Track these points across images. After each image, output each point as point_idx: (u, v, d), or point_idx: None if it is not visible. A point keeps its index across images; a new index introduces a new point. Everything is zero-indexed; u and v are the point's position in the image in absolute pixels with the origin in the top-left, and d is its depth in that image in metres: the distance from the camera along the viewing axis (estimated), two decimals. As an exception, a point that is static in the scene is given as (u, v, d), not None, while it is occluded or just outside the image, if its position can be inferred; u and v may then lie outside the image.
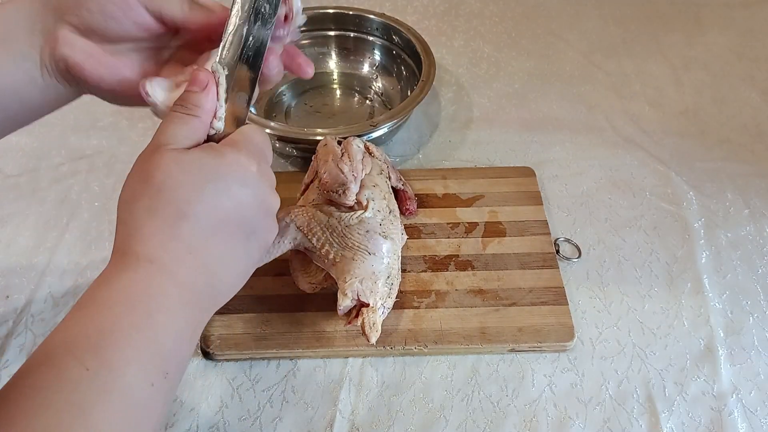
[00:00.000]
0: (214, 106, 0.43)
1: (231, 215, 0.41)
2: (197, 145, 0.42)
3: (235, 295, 0.63)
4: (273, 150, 0.83)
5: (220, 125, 0.44)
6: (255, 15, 0.45)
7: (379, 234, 0.60)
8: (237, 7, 0.45)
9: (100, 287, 0.37)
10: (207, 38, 0.48)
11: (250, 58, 0.45)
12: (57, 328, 0.36)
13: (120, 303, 0.37)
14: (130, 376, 0.35)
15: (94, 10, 0.45)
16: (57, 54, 0.45)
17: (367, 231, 0.60)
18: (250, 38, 0.45)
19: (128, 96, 0.47)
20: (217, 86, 0.44)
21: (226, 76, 0.44)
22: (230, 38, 0.45)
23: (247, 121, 0.47)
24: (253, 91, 0.46)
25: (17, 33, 0.45)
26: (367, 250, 0.58)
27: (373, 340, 0.56)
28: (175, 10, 0.46)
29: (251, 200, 0.42)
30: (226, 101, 0.44)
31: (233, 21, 0.45)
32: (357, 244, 0.59)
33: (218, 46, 0.45)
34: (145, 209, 0.39)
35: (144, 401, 0.35)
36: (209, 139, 0.44)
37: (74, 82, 0.47)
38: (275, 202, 0.45)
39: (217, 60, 0.44)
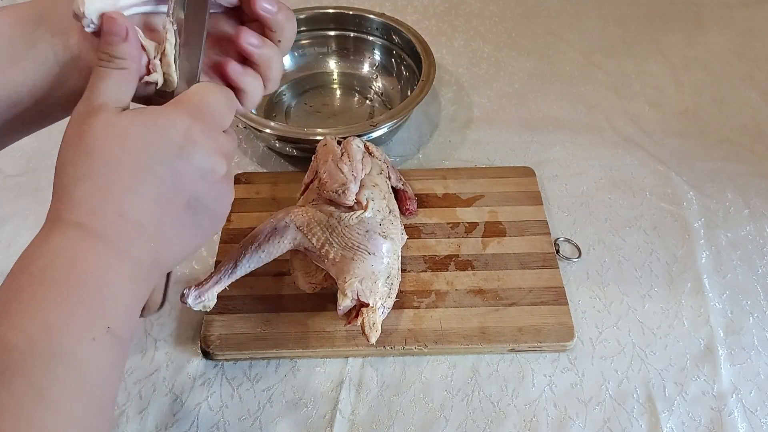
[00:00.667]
0: (138, 52, 0.40)
1: (170, 186, 0.38)
2: (133, 103, 0.40)
3: (236, 295, 0.64)
4: (273, 150, 0.84)
5: (174, 84, 0.42)
6: None
7: (379, 234, 0.60)
8: None
9: (35, 255, 0.36)
10: None
11: (196, 8, 0.43)
12: None
13: (58, 272, 0.35)
14: (72, 337, 0.34)
15: None
16: (83, 53, 0.43)
17: (367, 231, 0.60)
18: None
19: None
20: (166, 42, 0.42)
21: (175, 31, 0.42)
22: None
23: (203, 79, 0.44)
24: (202, 46, 0.43)
25: (31, 34, 0.43)
26: (366, 250, 0.58)
27: (373, 340, 0.56)
28: None
29: (190, 169, 0.39)
30: (176, 59, 0.42)
31: None
32: (357, 244, 0.59)
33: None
34: (81, 175, 0.37)
35: (91, 358, 0.34)
36: (157, 94, 0.42)
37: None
38: (220, 167, 0.41)
39: (167, 16, 0.42)
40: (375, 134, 0.77)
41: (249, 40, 0.44)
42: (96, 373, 0.35)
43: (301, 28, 0.94)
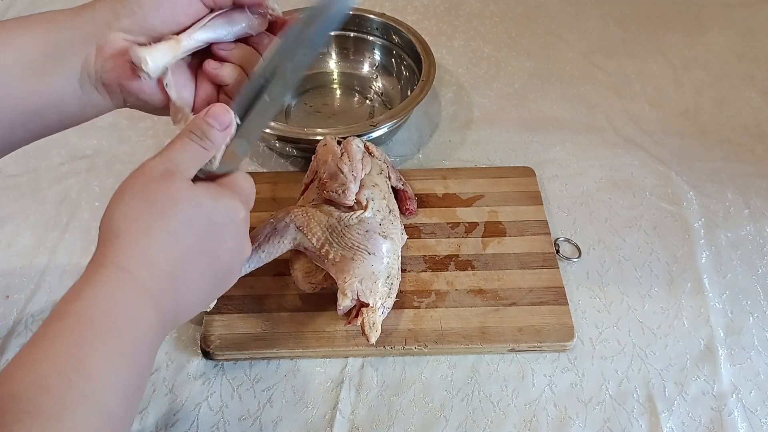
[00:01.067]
0: (223, 145, 0.45)
1: (213, 254, 0.43)
2: (198, 178, 0.44)
3: (236, 295, 0.64)
4: (273, 150, 0.84)
5: (214, 166, 0.45)
6: (274, 75, 0.47)
7: (379, 234, 0.60)
8: (263, 62, 0.47)
9: (78, 299, 0.37)
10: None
11: (263, 112, 0.47)
12: (34, 340, 0.36)
13: (98, 317, 0.37)
14: (107, 387, 0.35)
15: (148, 4, 0.46)
16: (108, 70, 0.47)
17: (367, 231, 0.60)
18: (265, 94, 0.47)
19: (165, 106, 0.49)
20: (231, 129, 0.45)
21: (237, 124, 0.46)
22: (245, 89, 0.47)
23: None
24: (255, 141, 0.48)
25: (64, 49, 0.46)
26: (366, 250, 0.58)
27: (373, 340, 0.56)
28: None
29: (234, 245, 0.45)
30: (227, 147, 0.45)
31: (253, 75, 0.47)
32: (356, 243, 0.59)
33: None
34: (144, 228, 0.40)
35: (121, 412, 0.36)
36: (202, 171, 0.45)
37: (115, 94, 0.49)
38: (249, 249, 0.47)
39: (234, 107, 0.46)
40: (375, 134, 0.77)
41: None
42: (119, 422, 0.36)
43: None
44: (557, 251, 0.71)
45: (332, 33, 0.95)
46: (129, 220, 0.40)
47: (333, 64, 0.95)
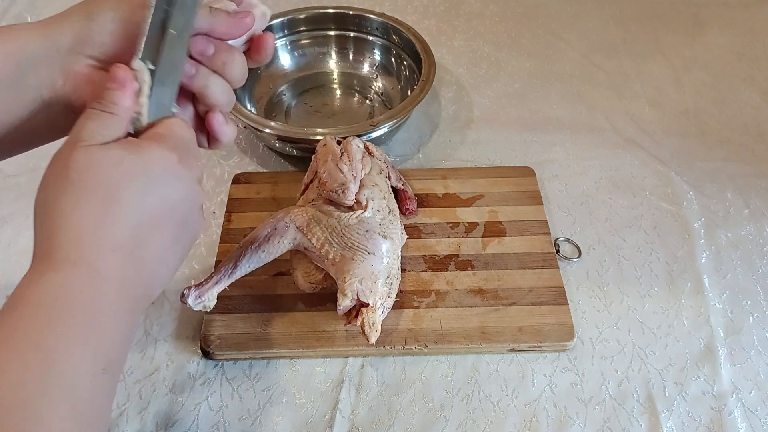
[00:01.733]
0: (131, 103, 0.42)
1: (159, 211, 0.40)
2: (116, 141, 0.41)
3: (235, 295, 0.64)
4: (273, 150, 0.84)
5: (143, 120, 0.43)
6: (171, 3, 0.43)
7: (379, 234, 0.60)
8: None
9: (31, 290, 0.36)
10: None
11: (174, 47, 0.44)
12: None
13: (55, 304, 0.35)
14: (72, 370, 0.34)
15: (117, 33, 0.45)
16: (76, 94, 0.46)
17: (367, 231, 0.60)
18: (170, 28, 0.43)
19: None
20: (140, 82, 0.42)
21: (151, 70, 0.43)
22: (148, 30, 0.43)
23: (173, 112, 0.45)
24: (177, 81, 0.45)
25: (32, 70, 0.45)
26: (366, 250, 0.58)
27: (373, 340, 0.56)
28: (201, 20, 0.46)
29: (177, 195, 0.41)
30: (149, 97, 0.43)
31: (150, 12, 0.43)
32: (356, 243, 0.59)
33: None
34: (69, 210, 0.37)
35: (88, 395, 0.35)
36: (132, 133, 0.43)
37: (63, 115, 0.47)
38: (200, 194, 0.44)
39: (139, 56, 0.43)
40: (375, 134, 0.77)
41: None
42: (91, 407, 0.35)
43: (301, 28, 0.94)
44: (557, 251, 0.71)
45: (332, 33, 0.95)
46: (49, 207, 0.38)
47: (333, 63, 0.95)
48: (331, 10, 0.94)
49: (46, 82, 0.45)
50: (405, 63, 0.91)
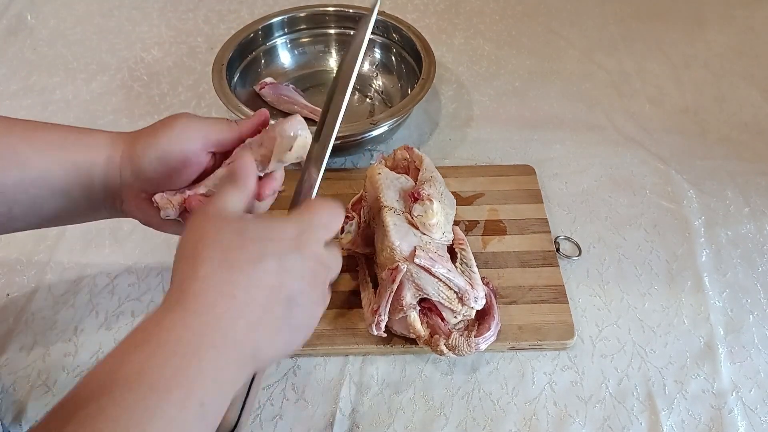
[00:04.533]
0: (254, 185, 0.48)
1: (275, 281, 0.42)
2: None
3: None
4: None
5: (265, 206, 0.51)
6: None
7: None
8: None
9: (150, 324, 0.38)
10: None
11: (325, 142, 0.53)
12: (105, 358, 0.37)
13: (173, 346, 0.37)
14: (171, 399, 0.36)
15: (167, 175, 0.52)
16: (128, 212, 0.55)
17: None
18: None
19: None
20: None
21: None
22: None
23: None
24: (322, 169, 0.52)
25: (94, 192, 0.53)
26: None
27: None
28: (225, 136, 0.53)
29: (295, 266, 0.43)
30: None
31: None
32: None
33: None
34: (202, 260, 0.40)
35: (178, 425, 0.36)
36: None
37: (118, 215, 0.56)
38: (320, 273, 0.45)
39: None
40: (375, 132, 0.77)
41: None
42: None
43: (302, 26, 0.94)
44: (557, 249, 0.71)
45: (332, 31, 0.95)
46: (185, 258, 0.41)
47: (333, 62, 0.95)
48: (331, 9, 0.94)
49: (108, 203, 0.54)
50: (405, 61, 0.91)
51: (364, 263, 0.66)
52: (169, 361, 0.36)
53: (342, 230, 0.64)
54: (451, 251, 0.63)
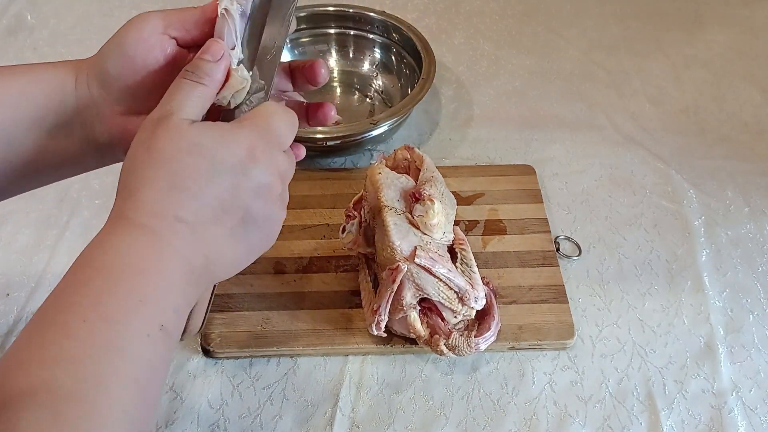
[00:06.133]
0: (223, 77, 0.43)
1: (227, 197, 0.40)
2: (204, 118, 0.42)
3: (236, 293, 0.64)
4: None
5: (229, 96, 0.44)
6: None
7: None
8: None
9: (98, 250, 0.38)
10: None
11: (274, 34, 0.45)
12: (59, 286, 0.37)
13: (120, 267, 0.37)
14: (131, 333, 0.35)
15: (131, 71, 0.47)
16: (110, 139, 0.49)
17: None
18: (272, 11, 0.45)
19: None
20: (226, 59, 0.44)
21: (238, 53, 0.44)
22: (246, 18, 0.45)
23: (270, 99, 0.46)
24: (275, 68, 0.46)
25: (72, 117, 0.48)
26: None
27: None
28: (185, 16, 0.47)
29: (249, 183, 0.41)
30: (231, 76, 0.44)
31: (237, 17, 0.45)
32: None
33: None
34: (146, 178, 0.39)
35: (147, 359, 0.36)
36: (225, 111, 0.44)
37: (111, 155, 0.51)
38: (276, 186, 0.43)
39: (235, 38, 0.44)
40: (375, 132, 0.77)
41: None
42: (148, 368, 0.36)
43: (302, 26, 0.93)
44: (557, 249, 0.71)
45: (332, 31, 0.95)
46: (131, 173, 0.40)
47: (333, 62, 0.95)
48: (331, 8, 0.93)
49: (86, 128, 0.49)
50: (405, 61, 0.91)
51: (364, 263, 0.66)
52: (124, 290, 0.36)
53: (343, 230, 0.64)
54: (452, 251, 0.63)
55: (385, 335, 0.59)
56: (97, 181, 0.79)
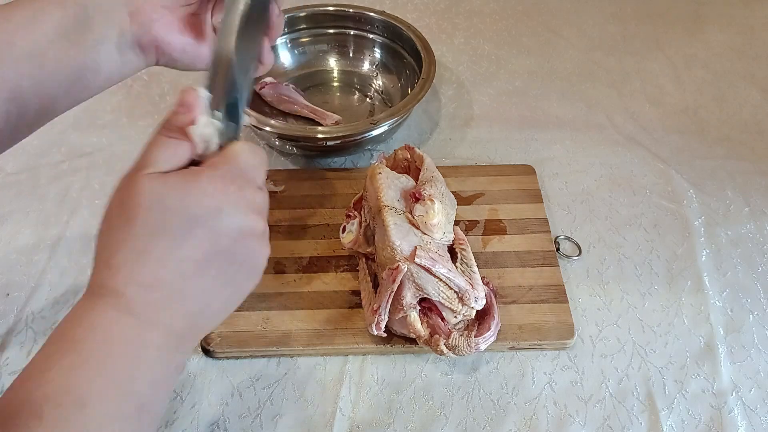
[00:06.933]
0: (192, 125, 0.41)
1: (208, 247, 0.38)
2: (179, 169, 0.40)
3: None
4: (273, 148, 0.84)
5: (203, 146, 0.41)
6: (243, 34, 0.44)
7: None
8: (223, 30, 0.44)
9: (73, 323, 0.36)
10: None
11: (240, 76, 0.44)
12: (28, 367, 0.35)
13: (90, 345, 0.35)
14: (103, 413, 0.34)
15: None
16: (143, 32, 0.50)
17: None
18: (240, 55, 0.44)
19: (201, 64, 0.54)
20: (198, 108, 0.41)
21: (208, 97, 0.42)
22: (215, 59, 0.44)
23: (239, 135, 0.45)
24: (242, 109, 0.45)
25: (97, 16, 0.49)
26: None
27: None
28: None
29: (228, 227, 0.39)
30: (218, 120, 0.42)
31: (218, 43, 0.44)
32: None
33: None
34: (119, 241, 0.37)
35: None
36: (199, 159, 0.42)
37: (150, 53, 0.52)
38: (257, 225, 0.41)
39: (205, 84, 0.43)
40: (375, 132, 0.77)
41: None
42: None
43: (302, 26, 0.94)
44: (557, 249, 0.71)
45: (332, 31, 0.95)
46: (106, 237, 0.38)
47: (333, 61, 0.95)
48: (331, 8, 0.93)
49: (114, 23, 0.49)
50: (405, 61, 0.91)
51: (364, 262, 0.66)
52: (96, 370, 0.34)
53: (343, 229, 0.64)
54: (452, 251, 0.63)
55: (385, 335, 0.59)
56: (98, 181, 0.79)
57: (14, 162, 0.81)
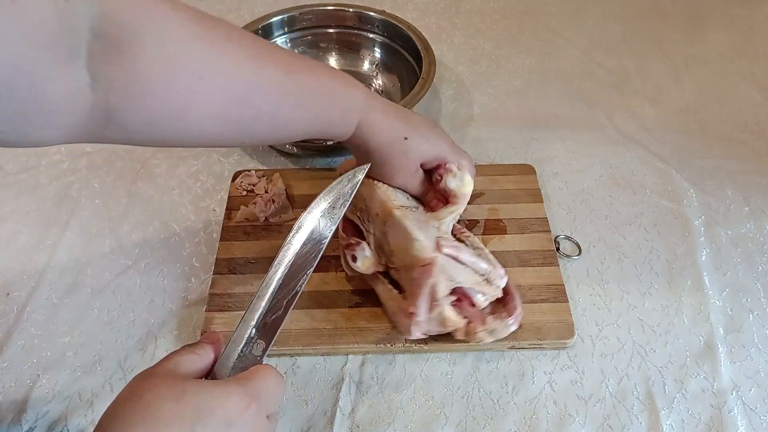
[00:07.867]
0: (217, 356, 0.46)
1: None
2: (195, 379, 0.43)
3: (236, 293, 0.64)
4: (273, 147, 0.84)
5: (227, 370, 0.46)
6: (282, 284, 0.50)
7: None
8: (268, 279, 0.49)
9: None
10: None
11: (275, 313, 0.49)
12: None
13: None
14: None
15: None
16: None
17: None
18: (275, 300, 0.49)
19: None
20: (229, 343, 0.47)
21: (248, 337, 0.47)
22: (257, 301, 0.49)
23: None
24: (271, 341, 0.49)
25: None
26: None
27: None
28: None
29: None
30: (239, 356, 0.47)
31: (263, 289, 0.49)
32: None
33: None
34: (126, 422, 0.38)
35: None
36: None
37: None
38: None
39: (250, 322, 0.48)
40: (375, 132, 0.77)
41: None
42: None
43: (302, 26, 0.94)
44: (557, 249, 0.71)
45: (332, 30, 0.95)
46: (114, 417, 0.39)
47: (333, 61, 0.95)
48: (331, 8, 0.93)
49: None
50: (405, 60, 0.91)
51: (378, 277, 0.64)
52: None
53: (354, 258, 0.62)
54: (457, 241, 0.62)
55: (425, 337, 0.59)
56: (98, 181, 0.79)
57: (14, 162, 0.82)
